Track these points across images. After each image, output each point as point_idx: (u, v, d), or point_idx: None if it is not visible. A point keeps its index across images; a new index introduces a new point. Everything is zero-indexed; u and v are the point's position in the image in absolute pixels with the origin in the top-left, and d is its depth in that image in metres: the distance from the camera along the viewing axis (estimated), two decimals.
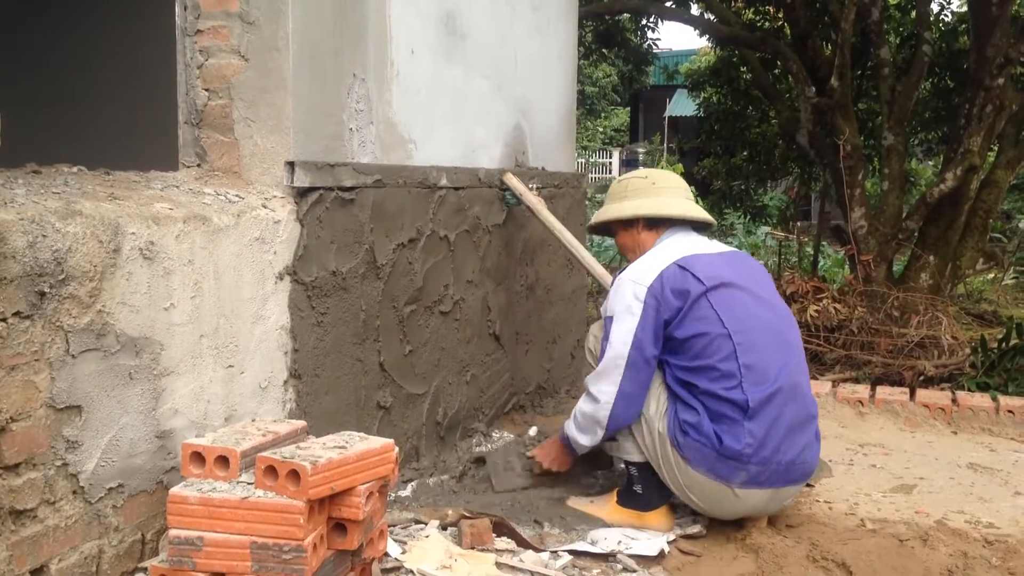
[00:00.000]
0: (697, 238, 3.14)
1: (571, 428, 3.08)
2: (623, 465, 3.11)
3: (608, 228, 3.32)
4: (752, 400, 2.80)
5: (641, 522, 2.99)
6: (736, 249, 3.21)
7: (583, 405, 3.01)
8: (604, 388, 2.92)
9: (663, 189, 3.17)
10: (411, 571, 2.50)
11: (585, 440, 3.05)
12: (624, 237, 3.21)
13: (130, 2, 4.83)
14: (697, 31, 9.37)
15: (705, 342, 2.86)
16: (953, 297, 6.99)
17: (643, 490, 3.01)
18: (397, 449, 2.33)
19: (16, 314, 1.91)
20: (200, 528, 2.06)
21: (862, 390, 4.63)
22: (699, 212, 3.17)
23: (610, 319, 2.95)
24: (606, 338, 2.95)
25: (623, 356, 2.89)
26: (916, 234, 6.86)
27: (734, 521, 3.00)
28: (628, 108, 29.86)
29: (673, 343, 2.91)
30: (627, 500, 3.05)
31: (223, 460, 2.15)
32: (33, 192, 2.09)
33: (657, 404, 2.94)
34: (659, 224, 3.13)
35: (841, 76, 6.79)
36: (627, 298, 2.93)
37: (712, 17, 9.21)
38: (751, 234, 12.67)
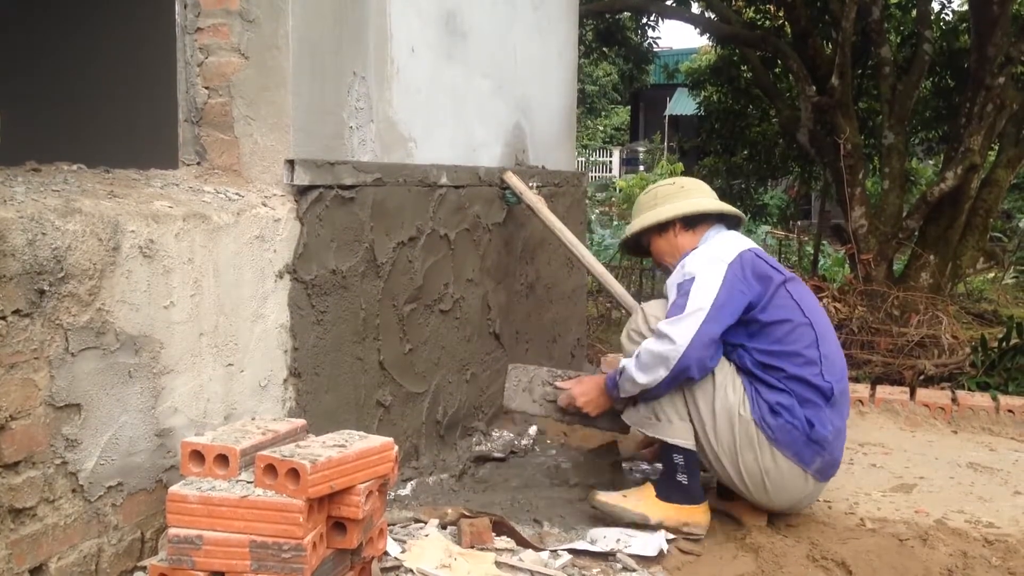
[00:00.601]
0: (741, 235, 3.17)
1: (631, 366, 2.90)
2: (657, 464, 3.00)
3: (640, 245, 3.29)
4: (835, 389, 2.89)
5: (688, 517, 2.91)
6: None
7: (652, 345, 2.86)
8: (681, 332, 2.82)
9: (692, 191, 3.21)
10: (410, 570, 2.50)
11: (644, 379, 2.87)
12: (661, 244, 3.19)
13: (130, 0, 4.83)
14: (697, 30, 9.38)
15: (789, 328, 2.90)
16: (953, 296, 7.00)
17: (688, 480, 2.92)
18: (397, 448, 2.32)
19: (15, 312, 1.91)
20: (199, 527, 2.06)
21: (862, 389, 4.63)
22: (731, 207, 3.23)
23: (690, 280, 2.90)
24: (685, 295, 2.87)
25: (704, 309, 2.84)
26: (916, 233, 6.86)
27: (734, 520, 3.01)
28: (628, 107, 29.87)
29: (754, 326, 2.91)
30: (670, 493, 2.93)
31: (222, 459, 2.15)
32: (33, 190, 2.09)
33: (733, 390, 2.89)
34: (696, 225, 3.14)
35: (842, 75, 6.79)
36: (707, 266, 2.92)
37: (712, 15, 9.22)
38: (751, 233, 12.67)
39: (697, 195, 3.20)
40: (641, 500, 2.96)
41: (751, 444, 2.87)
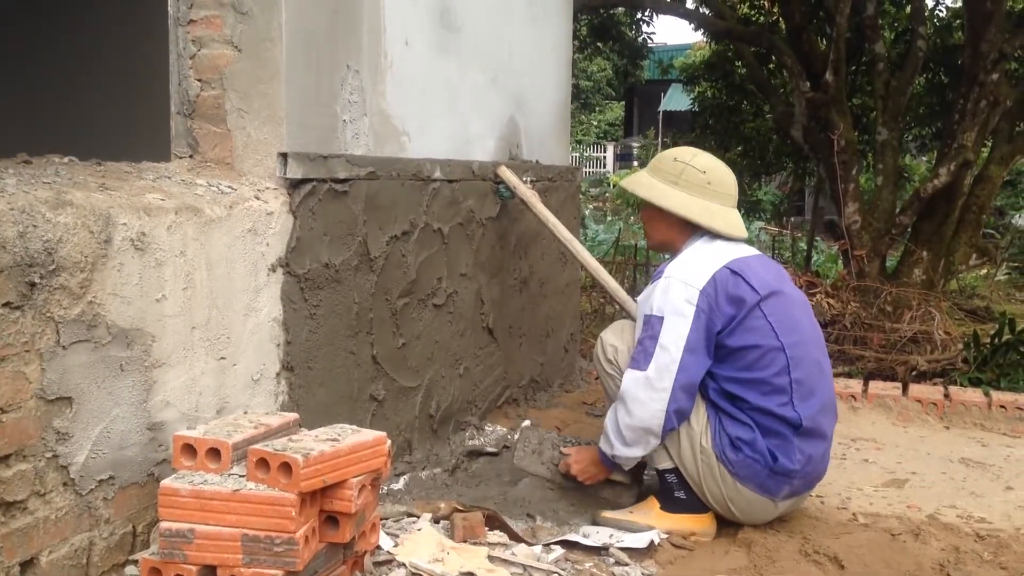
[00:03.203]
0: (733, 242, 2.98)
1: (617, 446, 2.87)
2: (654, 472, 2.99)
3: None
4: (804, 418, 2.79)
5: (695, 526, 2.90)
6: (755, 250, 3.10)
7: (628, 419, 2.81)
8: (656, 395, 2.76)
9: (713, 193, 2.95)
10: (403, 564, 2.49)
11: (636, 452, 2.86)
12: (654, 218, 3.03)
13: None
14: (692, 25, 9.39)
15: (758, 354, 2.78)
16: (946, 292, 7.02)
17: (686, 495, 2.90)
18: (389, 442, 2.32)
19: (6, 304, 1.90)
20: (191, 520, 2.06)
21: (855, 385, 4.64)
22: (740, 229, 2.99)
23: (659, 319, 2.77)
24: (653, 339, 2.77)
25: (676, 360, 2.74)
26: (909, 229, 6.87)
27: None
28: (623, 102, 29.89)
29: (722, 352, 2.80)
30: (673, 506, 2.92)
31: (214, 452, 2.14)
32: (24, 182, 2.07)
33: (697, 420, 2.84)
34: (695, 225, 2.95)
35: (836, 71, 6.79)
36: (678, 300, 2.77)
37: (707, 11, 9.21)
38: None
39: (719, 200, 2.95)
40: (647, 514, 2.94)
41: (713, 475, 2.84)
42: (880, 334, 5.35)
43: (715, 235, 2.95)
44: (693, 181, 2.95)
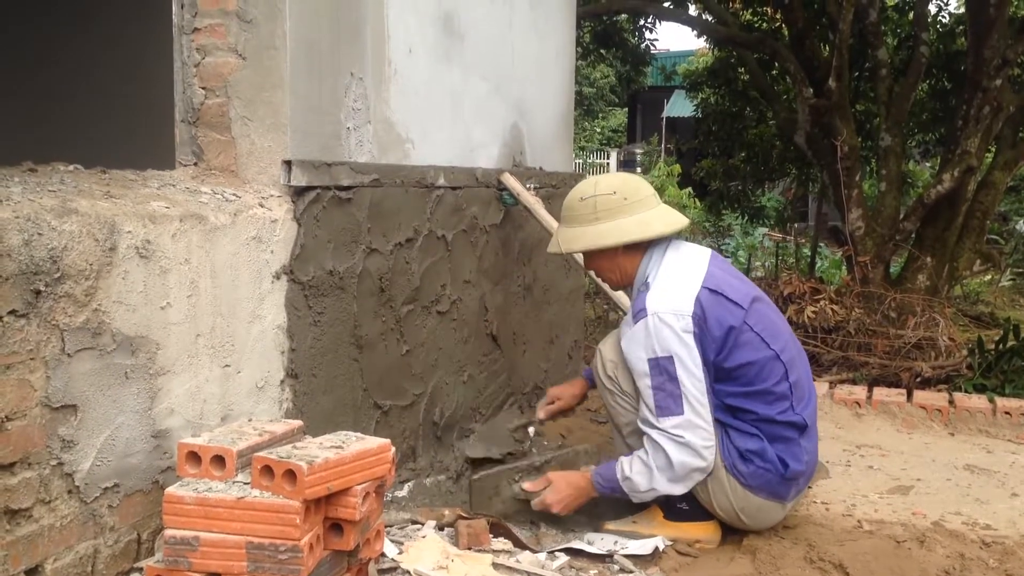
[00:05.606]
0: (685, 246, 2.97)
1: (662, 485, 2.80)
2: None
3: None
4: (807, 419, 2.84)
5: (700, 533, 2.92)
6: (703, 247, 3.06)
7: (688, 459, 2.75)
8: (704, 433, 2.76)
9: (635, 204, 2.90)
10: (408, 571, 2.49)
11: (680, 489, 2.82)
12: (601, 261, 3.00)
13: (128, 1, 4.82)
14: (695, 32, 9.37)
15: (757, 368, 2.80)
16: (950, 298, 7.01)
17: (689, 506, 2.92)
18: (394, 449, 2.32)
19: (11, 312, 1.90)
20: (196, 528, 2.06)
21: (859, 391, 4.64)
22: (679, 220, 2.95)
23: (668, 358, 2.74)
24: (673, 379, 2.74)
25: (701, 395, 2.75)
26: (913, 235, 6.87)
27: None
28: (626, 109, 29.87)
29: (720, 372, 2.80)
30: (676, 516, 2.93)
31: (219, 460, 2.15)
32: (29, 190, 2.08)
33: None
34: (640, 243, 2.92)
35: (839, 77, 6.79)
36: (678, 332, 2.75)
37: (710, 18, 9.22)
38: (748, 235, 12.68)
39: (641, 207, 2.89)
40: (651, 523, 2.96)
41: (723, 488, 2.85)
42: (884, 340, 5.34)
43: (662, 241, 2.92)
44: (610, 207, 2.89)
